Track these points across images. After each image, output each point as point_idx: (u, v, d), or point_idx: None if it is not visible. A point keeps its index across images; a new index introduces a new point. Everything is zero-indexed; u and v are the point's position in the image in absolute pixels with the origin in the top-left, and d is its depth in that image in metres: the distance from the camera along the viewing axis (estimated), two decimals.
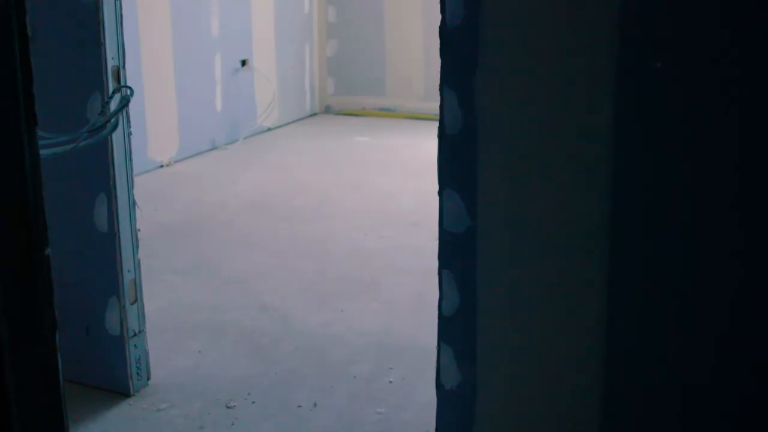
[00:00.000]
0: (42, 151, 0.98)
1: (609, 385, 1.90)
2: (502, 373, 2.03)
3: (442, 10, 1.92)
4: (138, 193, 2.90)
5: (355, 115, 8.40)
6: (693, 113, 1.73)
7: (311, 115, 8.45)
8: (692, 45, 1.71)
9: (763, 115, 1.66)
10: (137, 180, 2.95)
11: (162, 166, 6.23)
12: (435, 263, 2.06)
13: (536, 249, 1.92)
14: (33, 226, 0.93)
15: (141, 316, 2.92)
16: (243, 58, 7.19)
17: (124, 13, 2.69)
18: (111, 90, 2.62)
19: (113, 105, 2.60)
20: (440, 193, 2.01)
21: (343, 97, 8.50)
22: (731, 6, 1.67)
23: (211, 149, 6.85)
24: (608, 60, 1.76)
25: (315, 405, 2.87)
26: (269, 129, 7.64)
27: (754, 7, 1.64)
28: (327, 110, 8.57)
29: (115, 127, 2.59)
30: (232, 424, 2.77)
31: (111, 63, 2.64)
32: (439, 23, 1.94)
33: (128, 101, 2.60)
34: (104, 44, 2.61)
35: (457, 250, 2.01)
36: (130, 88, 2.63)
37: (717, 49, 1.69)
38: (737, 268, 1.74)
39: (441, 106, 1.97)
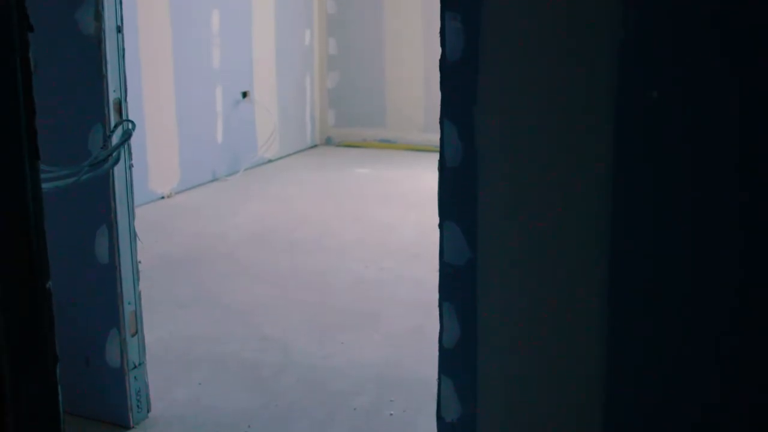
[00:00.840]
0: (44, 185, 0.99)
1: (611, 411, 1.89)
2: (502, 405, 2.02)
3: (442, 44, 1.93)
4: (139, 225, 2.90)
5: (356, 146, 8.42)
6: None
7: (312, 147, 8.48)
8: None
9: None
10: (138, 211, 2.95)
11: (163, 198, 6.24)
12: (436, 295, 2.06)
13: (536, 281, 1.92)
14: (35, 259, 0.94)
15: (141, 347, 2.91)
16: (244, 90, 7.23)
17: (126, 45, 2.71)
18: (113, 123, 2.62)
19: (115, 138, 2.61)
20: (441, 225, 2.02)
21: (344, 128, 8.53)
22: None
23: (212, 181, 6.86)
24: (607, 91, 1.77)
25: None
26: (270, 161, 7.65)
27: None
28: (327, 142, 8.60)
29: (117, 161, 2.59)
30: None
31: (113, 96, 2.65)
32: (439, 56, 1.95)
33: (130, 135, 2.61)
34: (106, 77, 2.62)
35: (457, 283, 2.01)
36: (131, 121, 2.63)
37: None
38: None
39: (441, 139, 1.98)
